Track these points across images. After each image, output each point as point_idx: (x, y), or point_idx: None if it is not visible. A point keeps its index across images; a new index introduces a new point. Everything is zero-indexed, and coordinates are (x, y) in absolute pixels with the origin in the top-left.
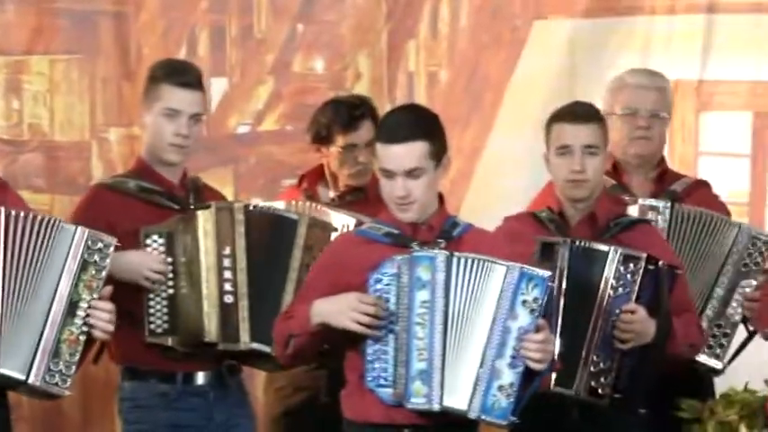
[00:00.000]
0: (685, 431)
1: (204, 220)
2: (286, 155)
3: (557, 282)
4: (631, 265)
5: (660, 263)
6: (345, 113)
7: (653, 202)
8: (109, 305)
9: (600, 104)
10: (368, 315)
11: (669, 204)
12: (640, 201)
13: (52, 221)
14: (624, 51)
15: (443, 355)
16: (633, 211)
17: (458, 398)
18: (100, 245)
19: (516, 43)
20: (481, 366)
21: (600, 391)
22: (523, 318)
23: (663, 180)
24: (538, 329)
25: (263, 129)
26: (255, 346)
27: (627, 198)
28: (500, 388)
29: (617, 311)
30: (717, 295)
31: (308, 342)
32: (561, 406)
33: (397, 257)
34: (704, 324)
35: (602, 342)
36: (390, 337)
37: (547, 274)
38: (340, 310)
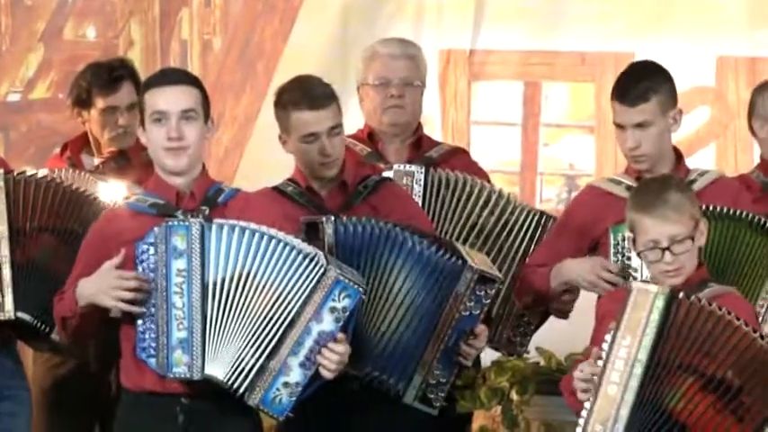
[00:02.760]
0: (459, 398)
1: None
2: (57, 123)
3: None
4: (486, 288)
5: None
6: (105, 75)
7: (408, 167)
8: None
9: None
10: (130, 290)
11: (423, 169)
12: (395, 166)
13: None
14: (396, 21)
15: (204, 324)
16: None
17: (221, 368)
18: None
19: (290, 12)
20: (272, 358)
21: (434, 402)
22: (327, 323)
23: (419, 147)
24: (337, 340)
25: (34, 97)
26: (21, 315)
27: (382, 165)
28: (285, 384)
29: (466, 329)
30: None
31: (81, 322)
32: (342, 380)
33: (156, 228)
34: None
35: (443, 356)
36: (155, 307)
37: (362, 288)
38: (101, 289)
